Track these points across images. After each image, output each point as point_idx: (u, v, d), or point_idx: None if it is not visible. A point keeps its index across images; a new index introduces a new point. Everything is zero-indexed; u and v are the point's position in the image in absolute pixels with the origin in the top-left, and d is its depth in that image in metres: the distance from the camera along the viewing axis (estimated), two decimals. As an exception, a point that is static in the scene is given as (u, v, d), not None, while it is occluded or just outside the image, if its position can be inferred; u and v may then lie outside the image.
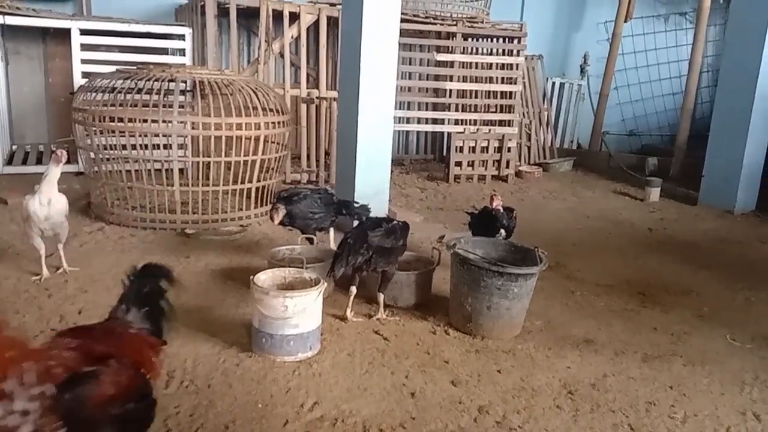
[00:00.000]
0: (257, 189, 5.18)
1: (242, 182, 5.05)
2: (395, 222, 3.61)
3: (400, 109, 7.69)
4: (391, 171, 5.25)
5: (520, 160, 8.75)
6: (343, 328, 3.36)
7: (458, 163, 7.75)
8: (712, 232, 6.12)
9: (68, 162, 6.58)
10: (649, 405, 2.84)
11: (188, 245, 4.56)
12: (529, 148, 9.09)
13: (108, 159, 5.03)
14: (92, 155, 5.06)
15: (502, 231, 4.06)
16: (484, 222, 4.15)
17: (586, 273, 4.56)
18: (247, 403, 2.60)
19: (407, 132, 9.03)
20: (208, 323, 3.28)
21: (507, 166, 8.00)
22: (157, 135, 5.08)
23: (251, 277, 3.05)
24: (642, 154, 10.08)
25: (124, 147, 5.02)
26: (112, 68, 5.52)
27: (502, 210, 4.12)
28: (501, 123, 8.07)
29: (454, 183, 7.68)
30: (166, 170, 4.99)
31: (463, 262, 3.39)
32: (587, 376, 3.05)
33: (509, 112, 8.10)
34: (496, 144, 7.88)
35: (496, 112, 8.09)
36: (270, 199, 5.37)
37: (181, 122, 4.90)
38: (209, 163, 5.29)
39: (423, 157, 9.25)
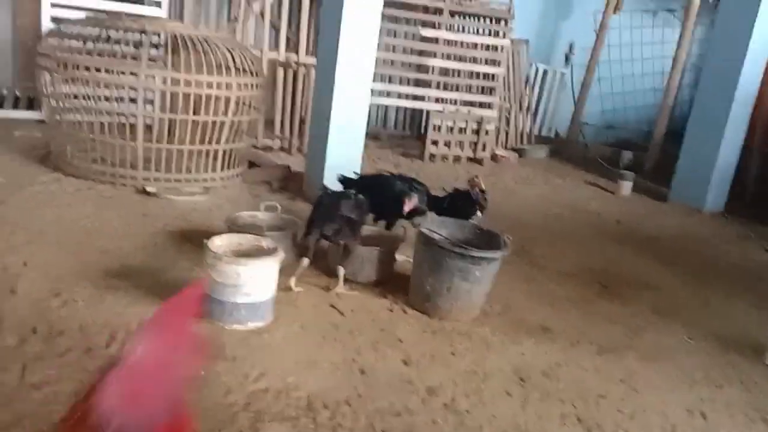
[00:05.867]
0: (225, 152, 5.03)
1: (210, 143, 4.90)
2: (359, 196, 3.55)
3: (380, 81, 7.55)
4: (367, 144, 5.16)
5: (496, 144, 8.69)
6: (298, 299, 3.28)
7: (435, 142, 7.66)
8: (678, 230, 6.15)
9: (31, 108, 6.47)
10: (599, 397, 2.83)
11: (147, 203, 4.42)
12: (507, 132, 9.02)
13: (72, 109, 4.84)
14: (55, 103, 4.87)
15: (479, 213, 4.03)
16: (457, 204, 4.08)
17: (549, 260, 4.54)
18: (190, 369, 2.51)
19: (386, 106, 8.89)
20: (159, 285, 3.17)
21: (483, 149, 7.94)
22: (124, 87, 4.91)
23: (205, 240, 2.95)
24: (619, 147, 10.10)
25: (89, 97, 4.83)
26: (82, 14, 5.31)
27: (478, 191, 4.07)
28: (481, 105, 7.98)
29: (429, 162, 7.59)
30: (131, 125, 4.82)
31: (426, 241, 3.33)
32: (540, 364, 3.03)
33: (490, 94, 8.01)
34: (474, 126, 7.80)
35: (476, 93, 7.99)
36: (237, 162, 5.24)
37: (150, 76, 4.73)
38: (177, 120, 5.13)
39: (401, 133, 9.12)
